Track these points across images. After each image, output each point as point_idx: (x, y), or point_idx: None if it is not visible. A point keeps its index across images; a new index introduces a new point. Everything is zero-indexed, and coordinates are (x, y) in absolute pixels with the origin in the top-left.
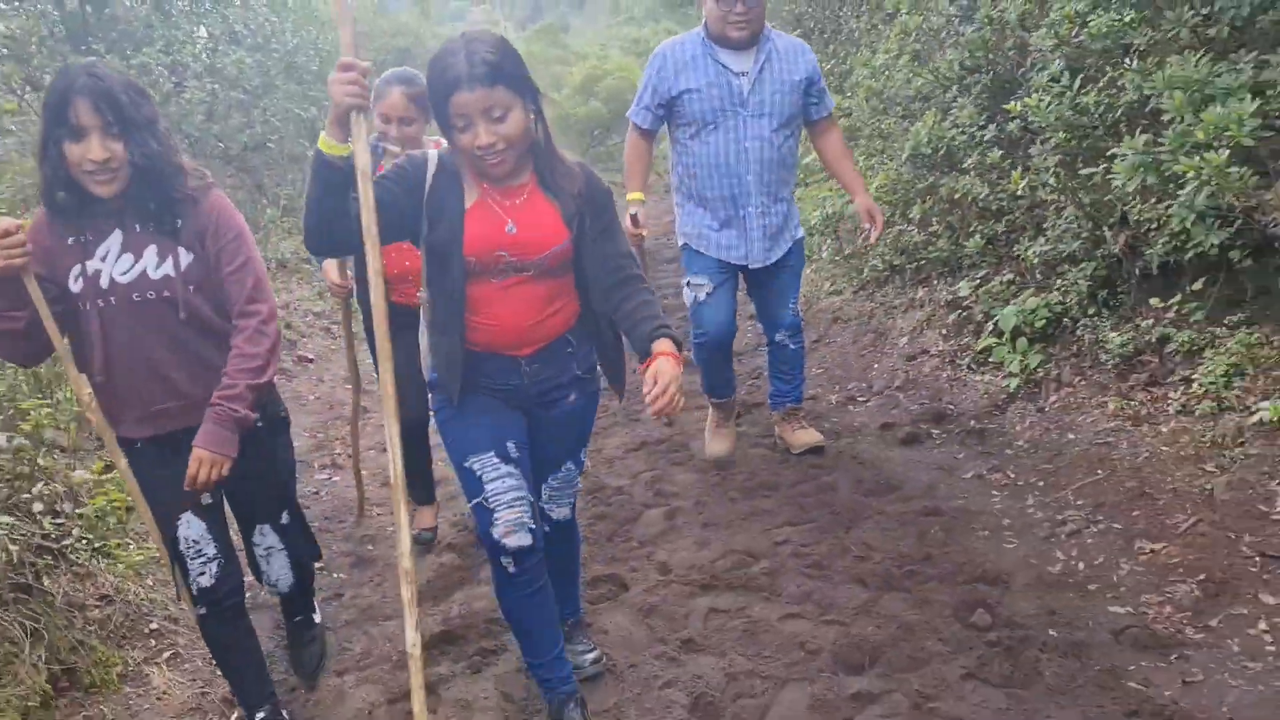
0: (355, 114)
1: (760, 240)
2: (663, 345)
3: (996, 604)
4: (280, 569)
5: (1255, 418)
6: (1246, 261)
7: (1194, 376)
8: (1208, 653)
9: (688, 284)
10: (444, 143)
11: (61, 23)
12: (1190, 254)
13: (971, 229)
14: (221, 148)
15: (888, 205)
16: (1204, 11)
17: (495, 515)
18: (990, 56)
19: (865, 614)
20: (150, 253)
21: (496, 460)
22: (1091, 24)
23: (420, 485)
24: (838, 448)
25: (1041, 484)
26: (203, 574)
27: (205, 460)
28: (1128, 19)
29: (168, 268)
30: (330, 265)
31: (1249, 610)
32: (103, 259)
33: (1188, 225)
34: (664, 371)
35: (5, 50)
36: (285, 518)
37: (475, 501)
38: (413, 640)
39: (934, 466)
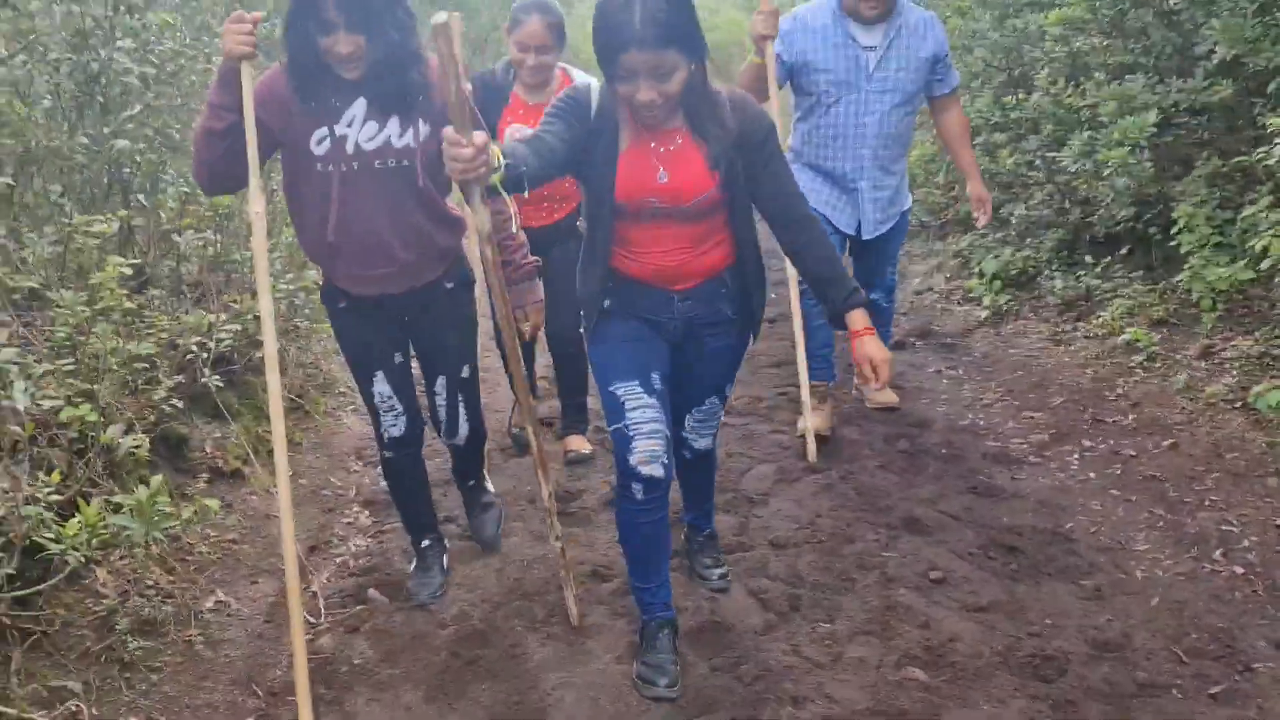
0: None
1: (873, 212)
2: (856, 320)
3: (916, 437)
4: (461, 420)
5: (1123, 338)
6: (1158, 236)
7: (1102, 315)
8: (1034, 467)
9: None
10: (571, 71)
11: None
12: (1120, 227)
13: None
14: None
15: (921, 172)
16: (1145, 44)
17: (634, 443)
18: (1008, 59)
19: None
20: (394, 123)
21: (640, 390)
22: (1073, 44)
23: (574, 411)
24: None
25: (979, 378)
26: (394, 425)
27: (535, 312)
28: (1100, 44)
29: (409, 138)
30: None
31: (1071, 448)
32: (349, 125)
33: (1109, 202)
34: (874, 356)
35: None
36: (466, 372)
37: (615, 427)
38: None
39: (909, 364)
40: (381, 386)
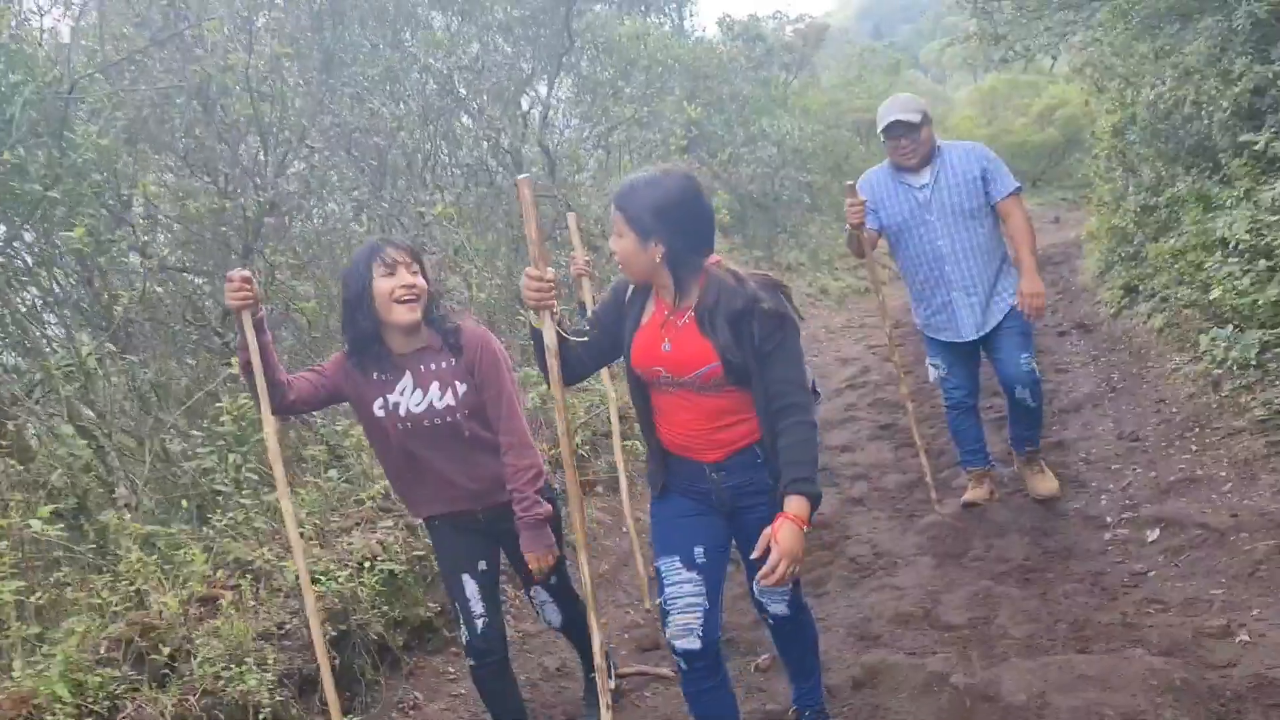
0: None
1: (969, 318)
2: (791, 506)
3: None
4: (552, 614)
5: (1139, 309)
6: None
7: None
8: (1073, 371)
9: (929, 364)
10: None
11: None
12: None
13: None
14: (763, 195)
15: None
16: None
17: (669, 618)
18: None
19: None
20: (434, 388)
21: (679, 566)
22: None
23: None
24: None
25: (1093, 349)
26: (474, 627)
27: (537, 559)
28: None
29: (449, 398)
30: None
31: (1090, 361)
32: (400, 393)
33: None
34: (781, 541)
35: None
36: (554, 579)
37: (659, 601)
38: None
39: (1060, 340)
40: (469, 588)
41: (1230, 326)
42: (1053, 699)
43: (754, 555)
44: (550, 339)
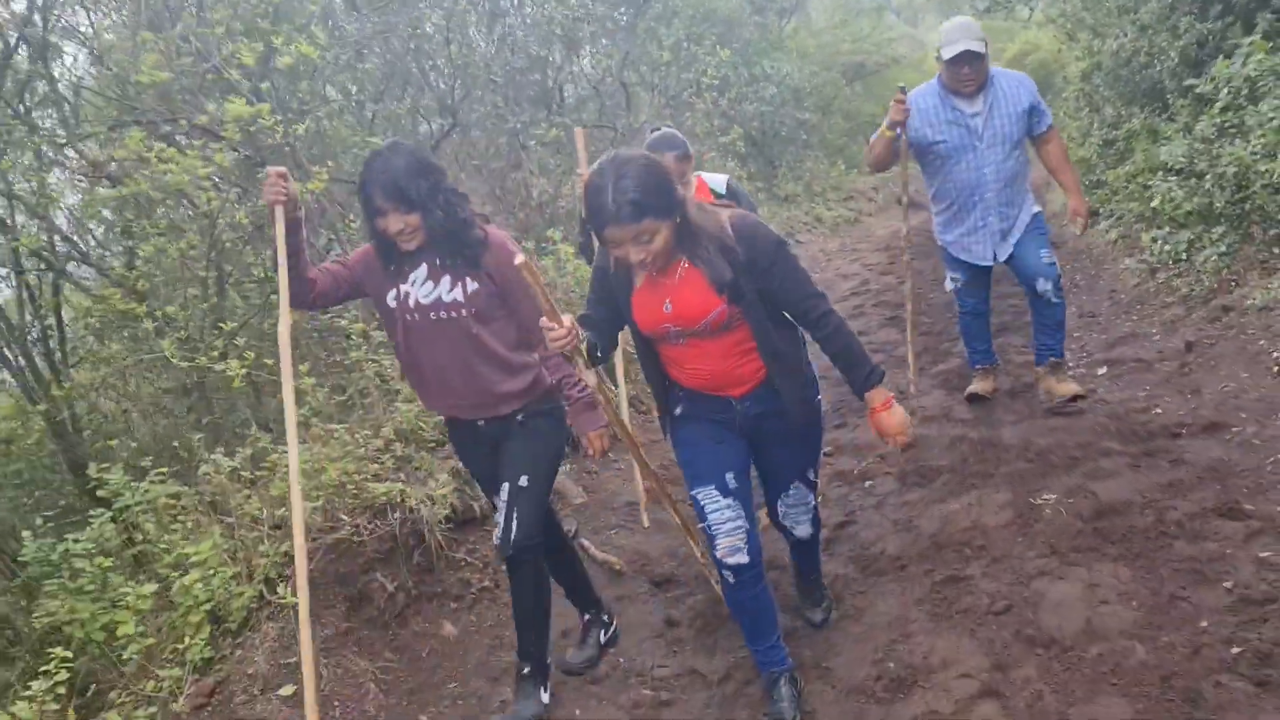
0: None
1: (999, 238)
2: (875, 398)
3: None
4: (510, 526)
5: (1102, 227)
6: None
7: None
8: None
9: (949, 278)
10: (707, 177)
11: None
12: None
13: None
14: (761, 133)
15: None
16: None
17: (717, 540)
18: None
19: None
20: (445, 280)
21: (716, 493)
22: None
23: None
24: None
25: (1060, 260)
26: (506, 533)
27: (595, 437)
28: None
29: (457, 293)
30: None
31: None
32: (412, 284)
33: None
34: (889, 427)
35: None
36: (524, 481)
37: (702, 526)
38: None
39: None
40: (497, 501)
41: (1165, 229)
42: (1034, 439)
43: (890, 444)
44: (591, 379)
